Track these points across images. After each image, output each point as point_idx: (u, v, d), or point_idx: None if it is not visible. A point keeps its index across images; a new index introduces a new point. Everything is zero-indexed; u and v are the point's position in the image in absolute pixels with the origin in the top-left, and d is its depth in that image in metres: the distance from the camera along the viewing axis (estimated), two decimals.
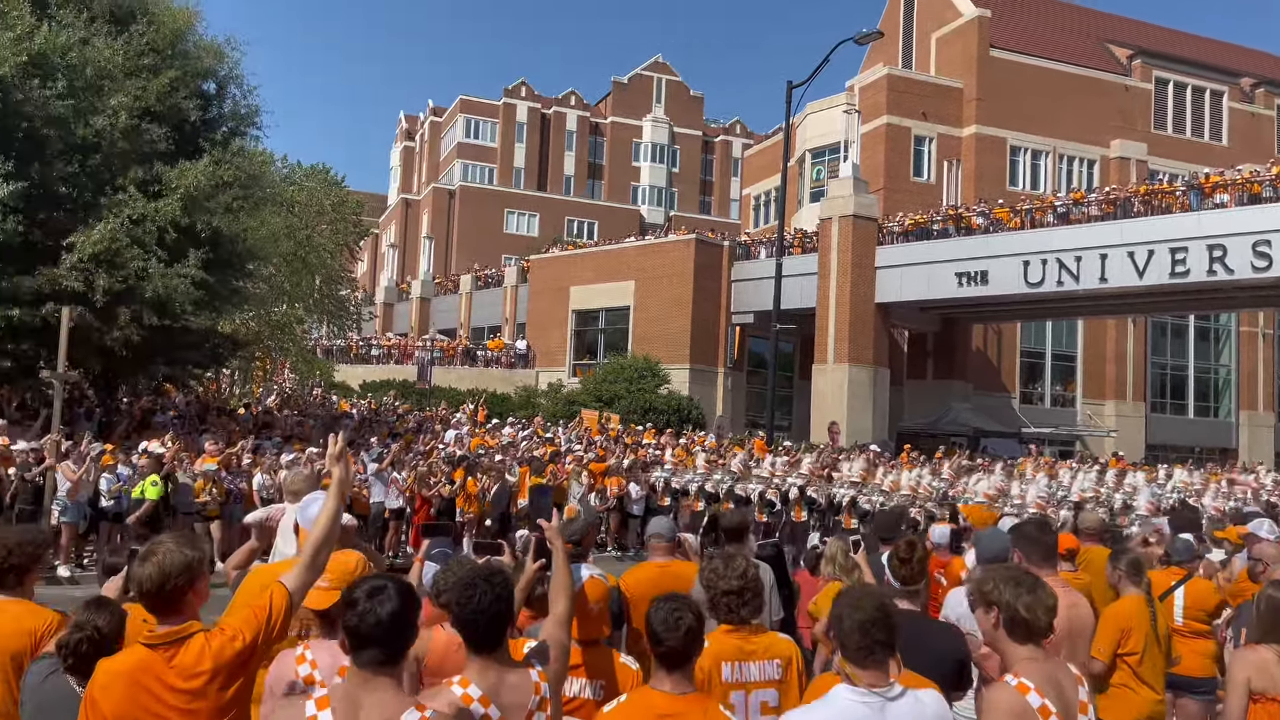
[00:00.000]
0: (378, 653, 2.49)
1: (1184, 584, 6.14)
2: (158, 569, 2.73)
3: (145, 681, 2.72)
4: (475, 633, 2.85)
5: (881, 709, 2.72)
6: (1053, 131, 42.79)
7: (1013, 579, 3.13)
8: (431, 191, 65.47)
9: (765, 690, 3.66)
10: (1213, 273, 27.23)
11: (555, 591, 3.30)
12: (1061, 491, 18.04)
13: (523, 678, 2.89)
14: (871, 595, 2.90)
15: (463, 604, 2.83)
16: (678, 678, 2.99)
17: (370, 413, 26.56)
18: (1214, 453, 41.59)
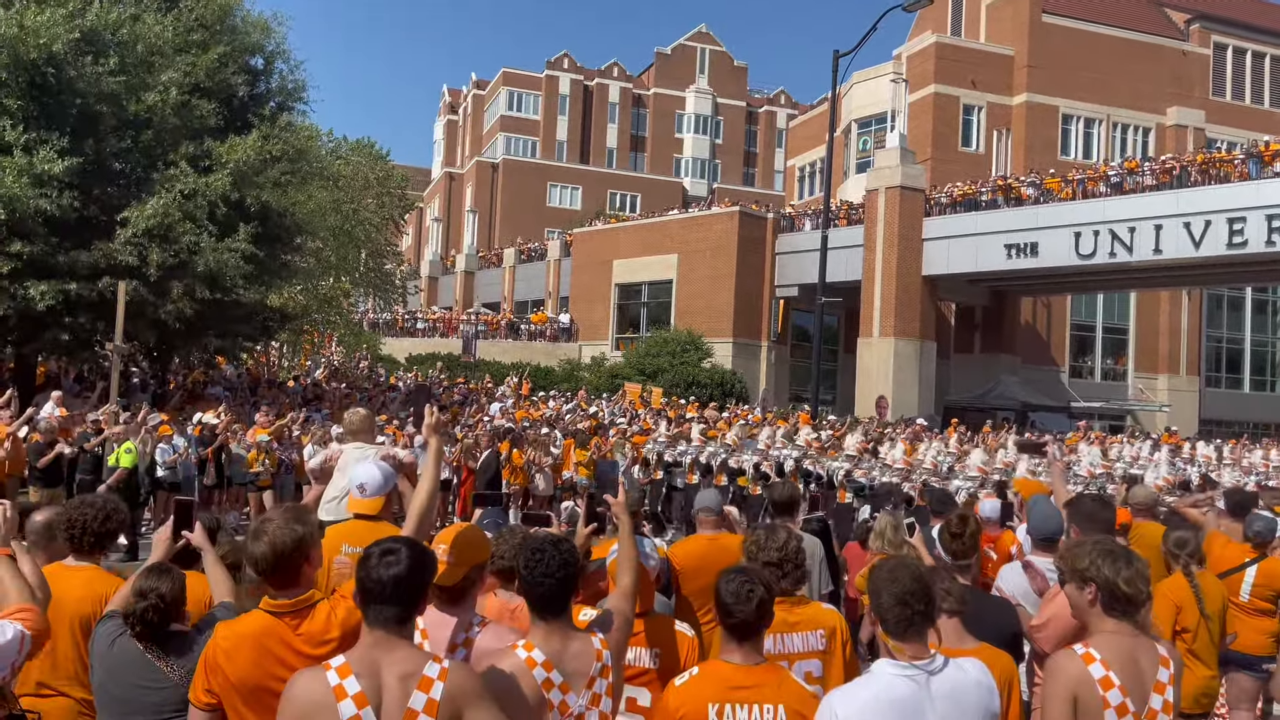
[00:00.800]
0: (387, 610, 2.49)
1: (1258, 562, 6.03)
2: (270, 547, 2.81)
3: (273, 648, 2.80)
4: (542, 597, 2.89)
5: (926, 682, 2.71)
6: (1106, 99, 41.73)
7: (1109, 553, 3.09)
8: (475, 165, 65.64)
9: (809, 661, 3.67)
10: (1271, 243, 26.48)
11: (622, 565, 3.32)
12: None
13: (585, 645, 2.92)
14: (907, 567, 2.88)
15: (531, 568, 2.87)
16: (748, 649, 3.00)
17: (417, 385, 26.90)
18: (1269, 428, 40.64)
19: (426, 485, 3.34)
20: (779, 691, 2.95)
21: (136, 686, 3.12)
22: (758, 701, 2.92)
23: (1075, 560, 3.12)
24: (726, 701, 2.93)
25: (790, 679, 3.02)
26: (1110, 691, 2.91)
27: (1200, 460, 21.37)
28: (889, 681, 2.73)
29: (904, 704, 2.68)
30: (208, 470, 13.60)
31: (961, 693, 2.73)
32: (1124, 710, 2.91)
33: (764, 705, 2.91)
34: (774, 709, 2.91)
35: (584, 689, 2.87)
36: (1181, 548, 5.48)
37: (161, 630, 3.15)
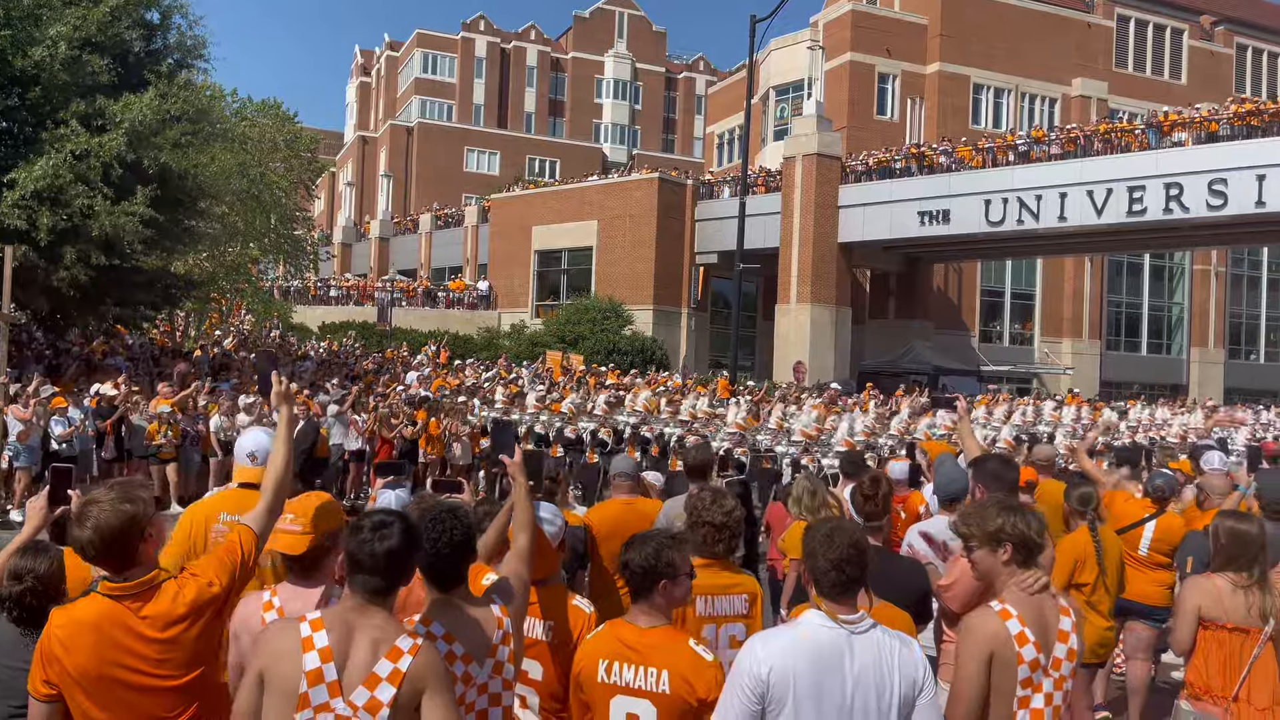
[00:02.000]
0: (372, 581, 2.53)
1: (1156, 518, 6.25)
2: (95, 531, 2.62)
3: (114, 634, 2.63)
4: (439, 569, 2.82)
5: (849, 639, 2.74)
6: (1015, 69, 42.68)
7: (1013, 509, 3.18)
8: (389, 129, 64.09)
9: (734, 624, 3.71)
10: (1169, 211, 27.52)
11: (517, 527, 3.27)
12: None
13: (485, 614, 2.87)
14: (844, 531, 2.89)
15: (430, 541, 2.78)
16: (650, 612, 3.04)
17: (331, 354, 26.30)
18: (1165, 389, 42.50)
19: (280, 456, 3.19)
20: (669, 656, 2.97)
21: (13, 669, 2.95)
22: (644, 663, 2.96)
23: (985, 524, 3.16)
24: (616, 659, 2.99)
25: (687, 646, 3.02)
26: (1025, 647, 2.99)
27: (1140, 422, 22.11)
28: (812, 630, 2.76)
29: (822, 652, 2.72)
30: (106, 443, 13.07)
31: (884, 656, 2.75)
32: (1036, 665, 3.00)
33: (649, 667, 2.95)
34: (659, 672, 2.94)
35: (486, 658, 2.83)
36: (1085, 504, 5.65)
37: (40, 613, 2.97)
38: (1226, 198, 26.50)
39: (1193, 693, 4.05)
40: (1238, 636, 3.95)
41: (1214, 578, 4.08)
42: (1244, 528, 4.05)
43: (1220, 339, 47.08)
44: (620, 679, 2.96)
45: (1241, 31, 48.99)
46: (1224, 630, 3.97)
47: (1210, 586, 4.05)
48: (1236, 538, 4.02)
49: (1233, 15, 49.04)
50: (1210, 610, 4.01)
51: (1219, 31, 48.50)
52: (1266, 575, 4.01)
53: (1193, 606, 4.08)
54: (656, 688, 2.93)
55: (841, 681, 2.69)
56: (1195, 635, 4.08)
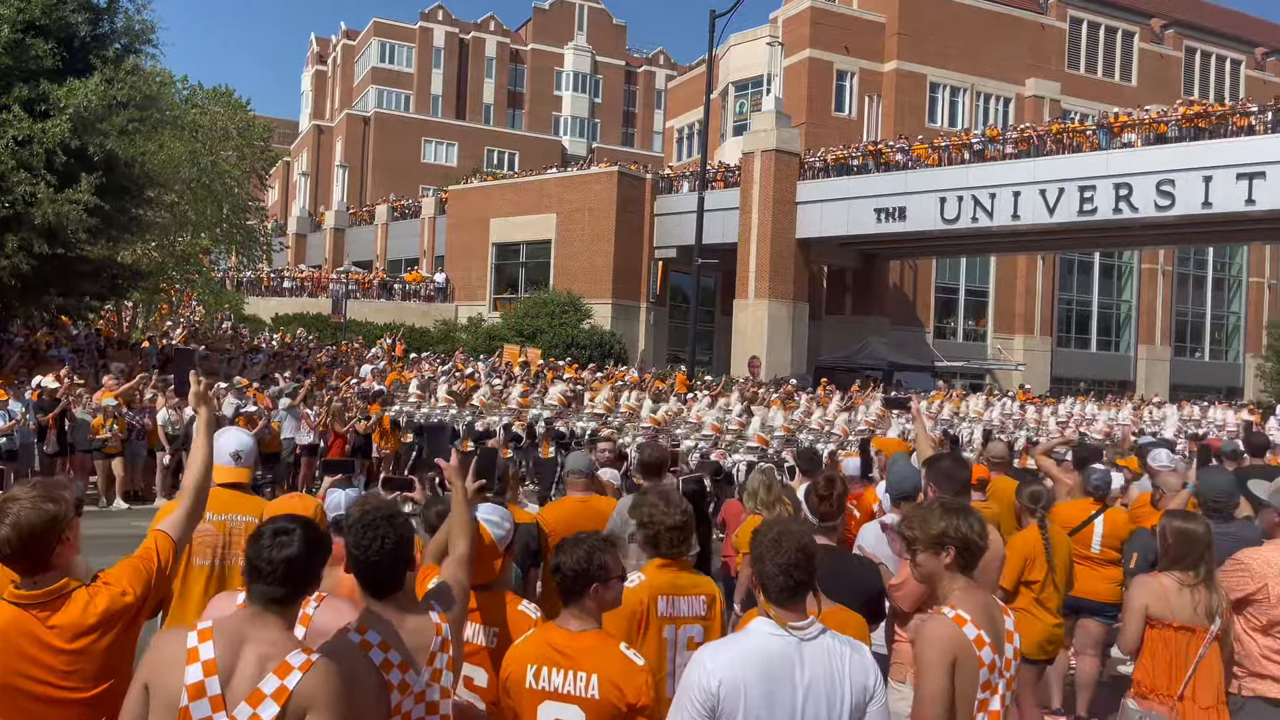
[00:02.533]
0: (270, 590, 2.41)
1: (1102, 514, 6.33)
2: (14, 530, 2.51)
3: (19, 643, 2.52)
4: (374, 577, 2.75)
5: (798, 646, 2.71)
6: (971, 69, 43.18)
7: (956, 510, 3.15)
8: (345, 118, 63.24)
9: (693, 626, 3.67)
10: (1118, 211, 28.00)
11: (454, 531, 3.21)
12: None
13: (423, 620, 2.80)
14: (792, 535, 2.86)
15: (363, 547, 2.71)
16: (580, 615, 3.00)
17: (283, 346, 25.92)
18: (1114, 385, 43.32)
19: (200, 458, 3.11)
20: (599, 660, 2.93)
21: None
22: (573, 668, 2.91)
23: (928, 527, 3.11)
24: (544, 664, 2.94)
25: (618, 651, 2.98)
26: (983, 650, 2.96)
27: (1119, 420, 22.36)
28: (761, 640, 2.73)
29: (772, 661, 2.69)
30: (48, 437, 12.73)
31: (835, 663, 2.73)
32: (993, 667, 2.99)
33: (579, 672, 2.90)
34: (589, 677, 2.89)
35: (425, 666, 2.76)
36: (1035, 501, 5.70)
37: None
38: (1174, 198, 27.02)
39: (1139, 691, 4.09)
40: (1184, 635, 3.99)
41: (1160, 577, 4.12)
42: (1190, 527, 4.09)
43: (1166, 336, 48.10)
44: (549, 684, 2.92)
45: (1190, 35, 50.00)
46: (1170, 629, 4.01)
47: (1157, 585, 4.10)
48: (1183, 537, 4.07)
49: (1182, 18, 50.02)
50: (1157, 609, 4.06)
51: (1168, 34, 49.45)
52: (1213, 574, 4.06)
53: (1140, 605, 4.12)
54: (586, 692, 2.89)
55: (792, 691, 2.67)
56: (1142, 634, 4.12)
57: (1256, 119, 27.45)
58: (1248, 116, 27.72)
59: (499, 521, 3.46)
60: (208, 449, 3.17)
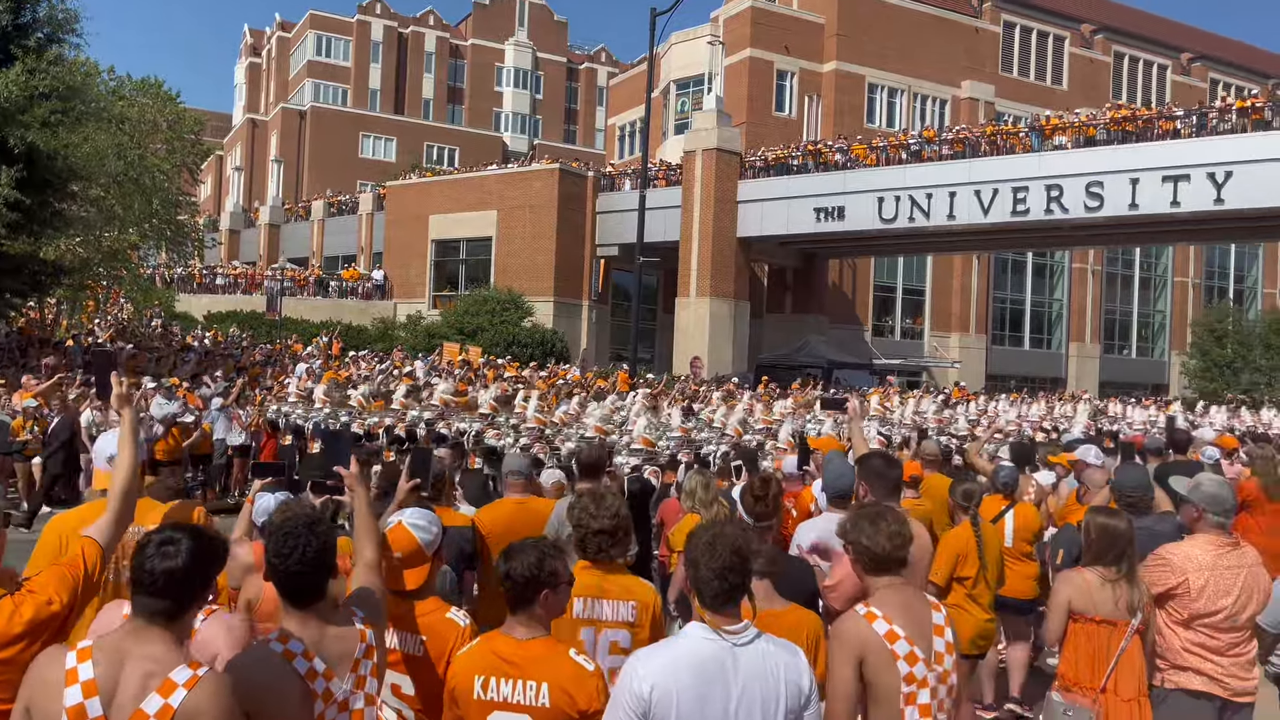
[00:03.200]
0: (154, 603, 2.33)
1: (1011, 509, 6.45)
2: None
3: None
4: (296, 586, 2.68)
5: (733, 652, 2.71)
6: (908, 70, 43.84)
7: (864, 516, 3.23)
8: (280, 112, 62.05)
9: (617, 630, 3.63)
10: (1050, 212, 28.67)
11: (360, 537, 3.14)
12: None
13: (347, 627, 2.74)
14: (727, 539, 2.85)
15: (283, 555, 2.63)
16: (528, 622, 2.95)
17: (216, 345, 25.33)
18: (1046, 382, 44.38)
19: (126, 462, 3.03)
20: (549, 668, 2.89)
21: None
22: (522, 677, 2.87)
23: (844, 530, 3.26)
24: (493, 674, 2.89)
25: (567, 657, 2.94)
26: (897, 643, 3.01)
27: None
28: (695, 645, 2.72)
29: (706, 668, 2.67)
30: None
31: (770, 667, 2.73)
32: (913, 659, 3.02)
33: (528, 680, 2.86)
34: (538, 685, 2.86)
35: (348, 673, 2.70)
36: (968, 499, 5.78)
37: None
38: (1103, 199, 27.75)
39: (1063, 684, 4.16)
40: (1105, 629, 4.07)
41: (1084, 572, 4.20)
42: (1113, 523, 4.18)
43: (1096, 334, 49.41)
44: (498, 694, 2.87)
45: (1118, 40, 51.38)
46: (1093, 623, 4.09)
47: (1080, 580, 4.18)
48: (1105, 533, 4.15)
49: (1110, 24, 51.36)
50: (1080, 603, 4.13)
51: (1098, 40, 50.75)
52: (1134, 570, 4.15)
53: (1063, 600, 4.20)
54: (536, 701, 2.85)
55: (726, 696, 2.66)
56: (1066, 627, 4.20)
57: (1181, 123, 28.29)
58: (1173, 121, 28.55)
59: (426, 525, 3.39)
60: (133, 453, 3.09)
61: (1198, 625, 4.19)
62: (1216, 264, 54.09)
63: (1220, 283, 54.22)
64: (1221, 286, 53.98)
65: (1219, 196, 26.04)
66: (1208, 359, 45.82)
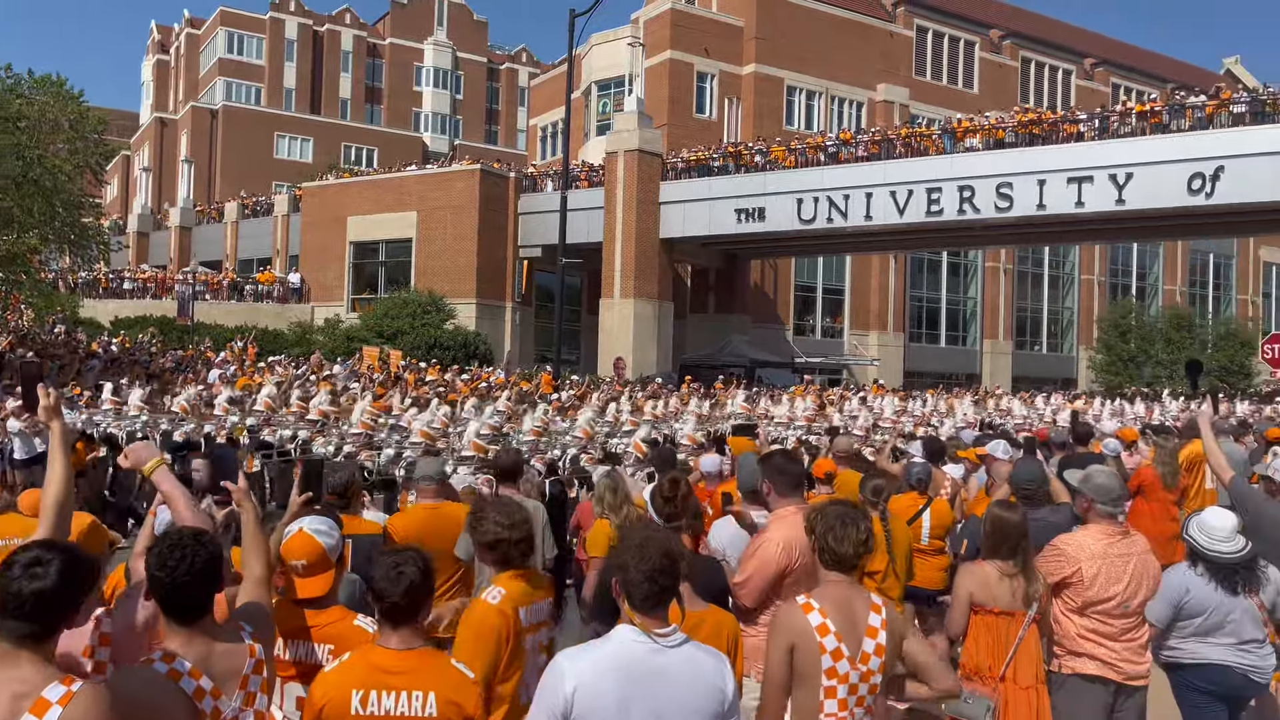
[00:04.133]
0: (20, 626, 2.22)
1: (929, 506, 6.60)
2: None
3: None
4: (180, 601, 2.58)
5: (660, 654, 2.71)
6: (825, 73, 44.58)
7: (833, 514, 3.32)
8: (190, 111, 60.25)
9: (543, 630, 3.68)
10: (962, 212, 29.44)
11: (248, 552, 3.06)
12: None
13: (234, 643, 2.67)
14: (657, 542, 2.86)
15: (168, 569, 2.54)
16: (405, 633, 2.88)
17: (123, 351, 24.49)
18: (961, 378, 45.52)
19: (58, 474, 2.95)
20: (433, 677, 2.84)
21: None
22: (407, 688, 2.80)
23: (810, 524, 3.37)
24: (373, 688, 2.80)
25: (449, 666, 2.90)
26: (826, 637, 3.10)
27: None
28: (622, 647, 2.72)
29: (631, 668, 2.68)
30: None
31: (696, 672, 2.74)
32: (839, 654, 3.10)
33: (414, 692, 2.80)
34: (424, 695, 2.80)
35: (237, 690, 2.63)
36: (877, 495, 5.89)
37: None
38: (1012, 200, 28.60)
39: (965, 674, 4.28)
40: (1004, 620, 4.20)
41: (984, 564, 4.33)
42: (1006, 516, 4.31)
43: (1009, 331, 50.89)
44: (379, 708, 2.79)
45: (1025, 45, 53.00)
46: (992, 614, 4.22)
47: (980, 573, 4.30)
48: (1000, 526, 4.29)
49: (1018, 29, 52.96)
50: (980, 595, 4.25)
51: (1006, 45, 52.27)
52: (1029, 561, 4.28)
53: (965, 592, 4.32)
54: (423, 712, 2.79)
55: (651, 698, 2.66)
56: (968, 619, 4.31)
57: (1085, 126, 29.33)
58: (1077, 124, 29.58)
59: (327, 531, 3.33)
60: (64, 464, 2.99)
61: (1091, 612, 4.34)
62: (1120, 262, 56.14)
63: (1124, 280, 56.30)
64: (1125, 284, 56.06)
65: (1120, 197, 27.06)
66: (1113, 354, 47.58)
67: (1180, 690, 4.58)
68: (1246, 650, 4.39)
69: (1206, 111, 27.21)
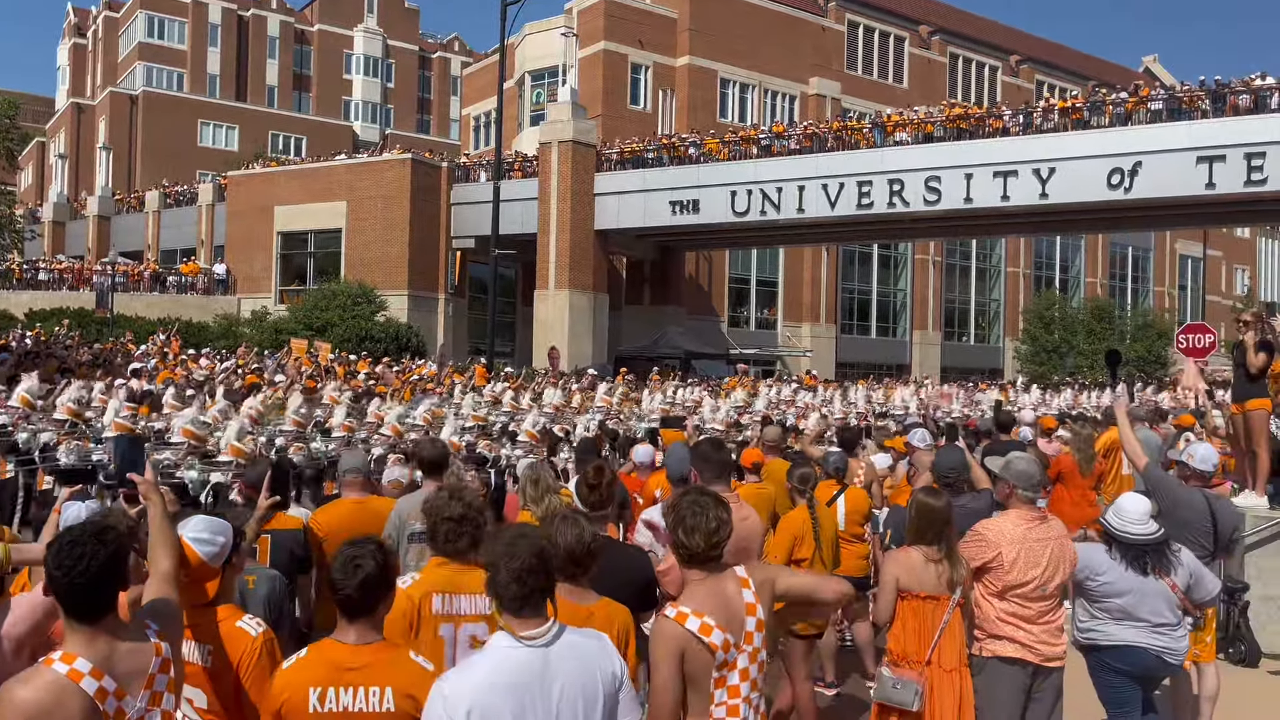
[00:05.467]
0: None
1: (843, 493, 6.68)
2: None
3: None
4: (80, 600, 2.47)
5: (542, 654, 2.64)
6: (759, 66, 44.87)
7: (684, 504, 3.19)
8: (109, 96, 58.31)
9: (475, 624, 3.58)
10: (892, 205, 29.90)
11: (155, 549, 2.94)
12: None
13: (139, 641, 2.57)
14: (528, 539, 2.77)
15: (65, 567, 2.43)
16: (361, 627, 2.85)
17: (39, 344, 23.60)
18: (892, 369, 46.32)
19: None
20: (390, 672, 2.80)
21: None
22: (364, 684, 2.77)
23: (664, 513, 3.30)
24: (330, 685, 2.77)
25: (407, 659, 2.86)
26: (712, 635, 3.01)
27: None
28: (503, 655, 2.63)
29: (519, 676, 2.59)
30: None
31: (583, 658, 2.69)
32: (727, 645, 3.04)
33: (370, 687, 2.77)
34: (381, 690, 2.77)
35: (142, 690, 2.53)
36: (804, 483, 5.94)
37: None
38: (940, 194, 29.11)
39: (892, 659, 4.34)
40: (930, 604, 4.27)
41: (909, 551, 4.39)
42: (931, 502, 4.38)
43: (938, 322, 51.89)
44: (338, 705, 2.76)
45: (954, 41, 53.96)
46: (918, 599, 4.28)
47: (906, 559, 4.36)
48: (925, 512, 4.35)
49: (946, 26, 53.89)
50: (906, 581, 4.31)
51: (935, 41, 53.18)
52: (954, 547, 4.35)
53: (891, 579, 4.37)
54: (380, 707, 2.77)
55: (546, 698, 2.61)
56: (895, 605, 4.36)
57: (1010, 121, 29.99)
58: (1002, 119, 30.23)
59: (210, 538, 3.22)
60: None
61: (1011, 595, 4.42)
62: (1044, 255, 57.59)
63: (1048, 273, 57.78)
64: (1049, 276, 57.53)
65: (1044, 191, 27.73)
66: (1037, 344, 48.82)
67: (1096, 671, 4.69)
68: (1160, 633, 4.52)
69: (1126, 108, 28.02)
